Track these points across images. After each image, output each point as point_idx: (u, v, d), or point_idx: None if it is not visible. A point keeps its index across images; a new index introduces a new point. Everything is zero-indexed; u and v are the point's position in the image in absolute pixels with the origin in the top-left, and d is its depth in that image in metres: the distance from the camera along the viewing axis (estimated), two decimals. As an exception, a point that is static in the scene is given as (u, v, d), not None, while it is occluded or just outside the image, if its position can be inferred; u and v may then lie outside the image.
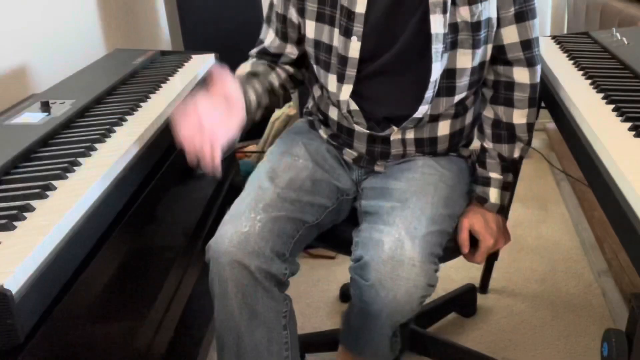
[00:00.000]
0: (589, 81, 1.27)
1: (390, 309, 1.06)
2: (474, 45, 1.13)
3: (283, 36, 1.27)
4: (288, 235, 1.15)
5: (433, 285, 1.07)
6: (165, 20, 2.87)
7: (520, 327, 1.71)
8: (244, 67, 1.30)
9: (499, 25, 1.15)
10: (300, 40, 1.27)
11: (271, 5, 1.28)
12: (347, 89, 1.19)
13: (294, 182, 1.20)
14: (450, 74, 1.16)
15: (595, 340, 1.65)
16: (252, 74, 1.26)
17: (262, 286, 1.08)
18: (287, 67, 1.32)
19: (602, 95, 1.18)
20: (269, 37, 1.30)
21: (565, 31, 2.85)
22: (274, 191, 1.17)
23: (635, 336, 0.91)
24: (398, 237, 1.05)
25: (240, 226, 1.08)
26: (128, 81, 1.56)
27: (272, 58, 1.32)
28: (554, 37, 1.70)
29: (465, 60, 1.15)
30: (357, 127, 1.24)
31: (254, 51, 1.34)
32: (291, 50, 1.29)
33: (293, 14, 1.22)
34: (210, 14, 2.52)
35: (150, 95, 1.43)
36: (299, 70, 1.34)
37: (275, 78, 1.30)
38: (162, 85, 1.52)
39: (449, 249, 1.20)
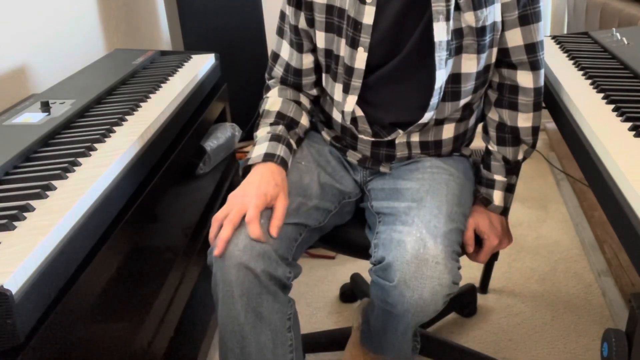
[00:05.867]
0: (589, 81, 1.27)
1: (415, 309, 1.05)
2: (479, 50, 1.13)
3: (299, 47, 1.25)
4: (291, 239, 1.14)
5: (457, 283, 1.06)
6: (165, 20, 2.87)
7: (520, 327, 1.71)
8: (273, 105, 1.26)
9: (503, 29, 1.14)
10: (314, 50, 1.25)
11: (283, 16, 1.25)
12: (352, 100, 1.19)
13: (297, 185, 1.20)
14: (455, 78, 1.16)
15: (595, 340, 1.65)
16: (288, 127, 1.24)
17: (267, 289, 1.07)
18: (311, 91, 1.30)
19: (602, 95, 1.18)
20: (284, 49, 1.27)
21: (565, 31, 2.85)
22: None
23: (635, 336, 0.91)
24: (420, 236, 1.05)
25: (245, 230, 1.08)
26: (128, 81, 1.56)
27: (294, 80, 1.28)
28: (554, 37, 1.71)
29: (471, 65, 1.14)
30: (361, 136, 1.24)
31: (277, 73, 1.30)
32: (309, 61, 1.26)
33: (304, 25, 1.21)
34: (210, 14, 2.52)
35: (150, 95, 1.43)
36: (321, 86, 1.31)
37: (306, 119, 1.29)
38: (162, 85, 1.52)
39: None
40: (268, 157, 1.15)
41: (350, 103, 1.19)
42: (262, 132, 1.22)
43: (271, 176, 1.12)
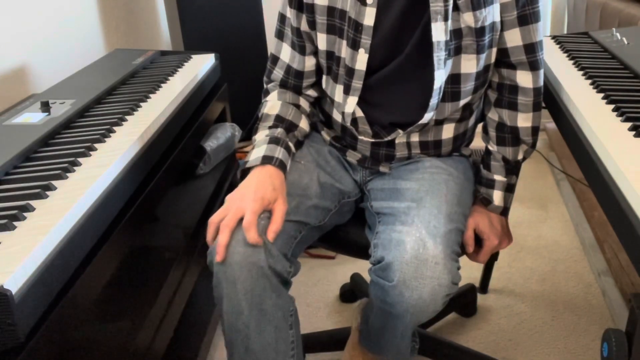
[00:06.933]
0: (589, 81, 1.27)
1: (415, 309, 1.05)
2: (478, 51, 1.13)
3: (301, 49, 1.25)
4: (290, 236, 1.15)
5: (456, 283, 1.06)
6: (165, 20, 2.87)
7: (520, 327, 1.71)
8: (272, 109, 1.25)
9: (502, 29, 1.14)
10: (316, 52, 1.26)
11: (283, 19, 1.25)
12: (352, 101, 1.19)
13: (296, 185, 1.20)
14: (455, 79, 1.16)
15: (595, 340, 1.65)
16: (287, 130, 1.23)
17: (271, 285, 1.08)
18: (311, 93, 1.30)
19: (602, 95, 1.18)
20: (284, 52, 1.27)
21: (565, 31, 2.85)
22: None
23: (635, 336, 0.91)
24: (419, 237, 1.05)
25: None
26: (128, 81, 1.56)
27: (295, 82, 1.28)
28: (554, 37, 1.71)
29: (470, 65, 1.14)
30: (361, 137, 1.24)
31: (276, 76, 1.29)
32: (311, 64, 1.26)
33: (306, 27, 1.21)
34: (210, 14, 2.52)
35: (150, 95, 1.43)
36: (320, 88, 1.31)
37: (306, 123, 1.29)
38: (162, 85, 1.52)
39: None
40: (266, 159, 1.15)
41: (351, 104, 1.19)
42: (261, 135, 1.22)
43: (269, 179, 1.12)
